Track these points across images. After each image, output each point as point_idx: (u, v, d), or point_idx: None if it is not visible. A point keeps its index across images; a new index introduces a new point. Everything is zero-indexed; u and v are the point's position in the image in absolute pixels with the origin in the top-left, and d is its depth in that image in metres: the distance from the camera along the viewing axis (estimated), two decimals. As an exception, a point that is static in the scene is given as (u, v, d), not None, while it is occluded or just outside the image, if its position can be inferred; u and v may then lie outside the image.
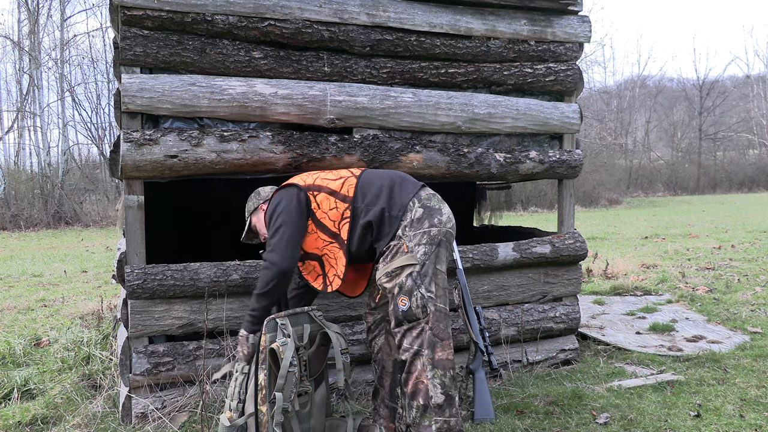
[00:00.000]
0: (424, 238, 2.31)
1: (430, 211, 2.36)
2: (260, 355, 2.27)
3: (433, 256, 2.30)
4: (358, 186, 2.45)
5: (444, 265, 2.36)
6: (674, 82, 37.14)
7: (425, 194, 2.41)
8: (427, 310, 2.26)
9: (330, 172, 2.57)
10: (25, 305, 5.70)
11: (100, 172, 19.93)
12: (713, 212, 16.16)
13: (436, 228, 2.33)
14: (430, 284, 2.28)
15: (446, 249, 2.37)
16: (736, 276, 6.35)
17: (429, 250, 2.30)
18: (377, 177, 2.48)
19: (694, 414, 2.86)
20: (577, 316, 3.70)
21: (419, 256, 2.29)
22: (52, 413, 2.99)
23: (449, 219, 2.39)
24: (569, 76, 3.58)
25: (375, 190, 2.42)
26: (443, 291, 2.32)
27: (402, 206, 2.36)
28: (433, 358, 2.25)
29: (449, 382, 2.27)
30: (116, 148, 2.97)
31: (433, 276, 2.30)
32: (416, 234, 2.31)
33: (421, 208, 2.36)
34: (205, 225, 4.99)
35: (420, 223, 2.33)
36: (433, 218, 2.34)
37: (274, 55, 3.03)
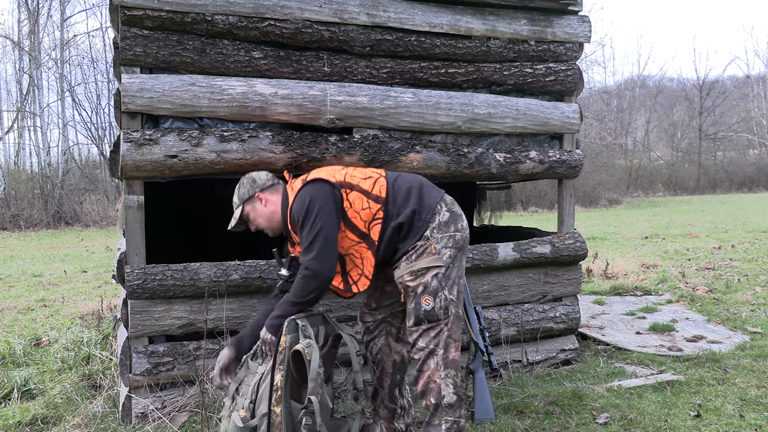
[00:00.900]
0: (450, 241, 2.35)
1: (455, 216, 2.40)
2: (279, 355, 2.24)
3: (456, 260, 2.36)
4: (389, 187, 2.44)
5: (462, 271, 2.42)
6: (674, 82, 37.17)
7: (449, 199, 2.45)
8: (448, 312, 2.30)
9: (356, 169, 2.52)
10: (25, 305, 5.70)
11: (100, 172, 19.93)
12: (713, 212, 16.17)
13: (459, 233, 2.38)
14: (453, 287, 2.33)
15: (465, 254, 2.43)
16: (736, 276, 6.36)
17: (454, 254, 2.35)
18: (404, 179, 2.49)
19: (694, 414, 2.86)
20: (577, 316, 3.70)
21: (445, 259, 2.33)
22: (52, 413, 2.99)
23: (467, 227, 2.44)
24: (569, 76, 3.58)
25: (404, 192, 2.42)
26: (461, 296, 2.38)
27: (431, 209, 2.38)
28: (447, 358, 2.30)
29: (460, 383, 2.34)
30: (116, 148, 2.97)
31: (456, 280, 2.35)
32: (443, 237, 2.35)
33: (448, 212, 2.39)
34: (205, 225, 4.99)
35: (447, 226, 2.37)
36: (458, 223, 2.39)
37: (274, 55, 3.03)
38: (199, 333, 2.97)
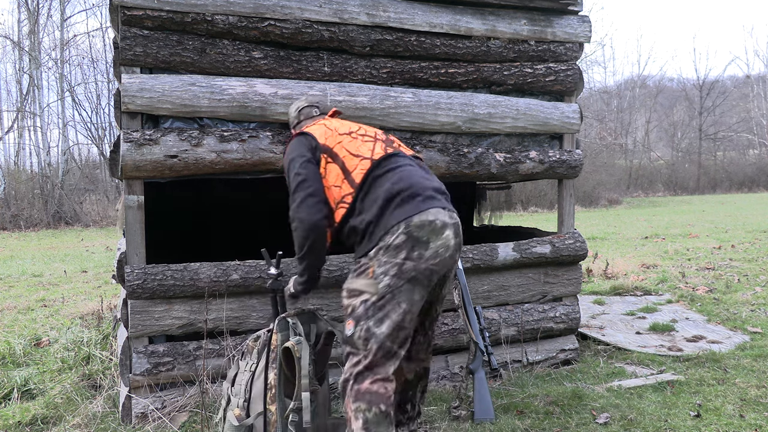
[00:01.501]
0: (394, 269, 2.05)
1: (414, 242, 2.06)
2: (271, 354, 2.25)
3: (397, 291, 2.04)
4: (367, 175, 2.22)
5: (411, 305, 2.07)
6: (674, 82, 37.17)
7: (419, 221, 2.08)
8: (368, 345, 2.05)
9: (357, 135, 2.36)
10: (25, 305, 5.70)
11: (100, 172, 19.93)
12: (713, 212, 16.17)
13: (411, 262, 2.05)
14: (383, 321, 2.05)
15: (422, 287, 2.09)
16: (736, 276, 6.35)
17: (395, 284, 2.04)
18: (387, 178, 2.21)
19: (694, 414, 2.86)
20: (577, 316, 3.70)
21: (380, 287, 2.05)
22: (52, 413, 2.99)
23: (436, 255, 2.08)
24: (569, 76, 3.58)
25: (374, 195, 2.18)
26: (399, 332, 2.07)
27: (385, 227, 2.09)
28: (358, 391, 2.04)
29: (373, 419, 2.01)
30: (116, 148, 2.97)
31: (391, 313, 2.05)
32: (388, 262, 2.06)
33: (405, 235, 2.06)
34: (205, 225, 4.99)
35: (396, 251, 2.06)
36: (414, 251, 2.05)
37: (274, 55, 3.03)
38: (199, 333, 2.97)
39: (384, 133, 2.47)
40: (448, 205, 2.23)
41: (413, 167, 2.28)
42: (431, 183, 2.25)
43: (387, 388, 2.06)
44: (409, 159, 2.34)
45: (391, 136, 2.50)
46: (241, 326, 3.05)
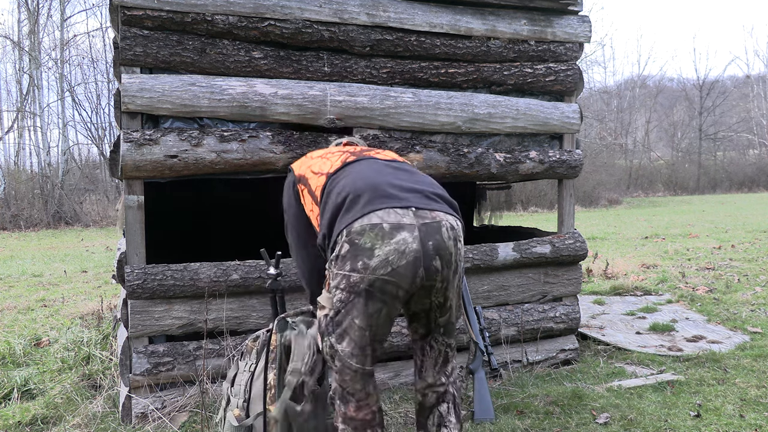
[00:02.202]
0: (343, 282, 1.83)
1: (356, 251, 1.80)
2: (270, 354, 2.25)
3: (350, 306, 1.83)
4: (323, 191, 2.05)
5: (368, 320, 1.84)
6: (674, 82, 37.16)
7: (359, 226, 1.81)
8: (335, 362, 1.91)
9: (322, 159, 2.24)
10: (25, 305, 5.70)
11: (100, 172, 19.92)
12: (713, 212, 16.16)
13: (357, 274, 1.80)
14: (342, 338, 1.87)
15: (378, 301, 1.82)
16: (736, 276, 6.35)
17: (346, 298, 1.83)
18: (337, 187, 1.99)
19: (694, 414, 2.86)
20: (577, 316, 3.70)
21: (334, 301, 1.87)
22: (52, 413, 2.99)
23: (385, 264, 1.79)
24: (569, 76, 3.58)
25: (327, 208, 1.97)
26: (362, 350, 1.87)
27: (333, 239, 1.88)
28: (345, 414, 1.92)
29: None
30: (116, 148, 2.97)
31: (348, 330, 1.85)
32: (338, 274, 1.85)
33: (348, 244, 1.82)
34: (205, 225, 4.99)
35: (343, 262, 1.83)
36: (357, 261, 1.80)
37: (274, 55, 3.03)
38: (199, 333, 2.97)
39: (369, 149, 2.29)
40: (423, 203, 1.90)
41: (370, 168, 2.02)
42: (393, 180, 1.95)
43: (371, 413, 1.94)
44: (371, 161, 2.08)
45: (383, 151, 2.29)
46: (241, 326, 3.05)
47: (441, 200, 1.97)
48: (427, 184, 2.02)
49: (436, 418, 2.08)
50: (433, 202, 1.93)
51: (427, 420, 2.09)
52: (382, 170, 2.02)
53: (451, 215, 1.93)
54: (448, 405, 2.09)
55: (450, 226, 1.89)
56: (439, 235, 1.86)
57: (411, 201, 1.89)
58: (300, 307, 3.10)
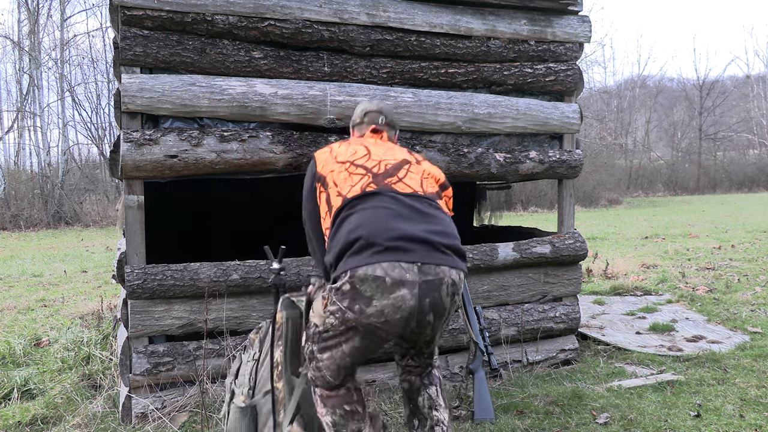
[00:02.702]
0: (338, 313, 1.94)
1: (356, 295, 1.90)
2: (276, 332, 2.24)
3: (339, 335, 1.97)
4: (336, 217, 2.09)
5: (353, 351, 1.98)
6: (674, 82, 37.14)
7: (363, 274, 1.88)
8: (311, 364, 2.06)
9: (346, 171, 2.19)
10: (25, 305, 5.70)
11: (100, 172, 19.92)
12: (713, 212, 16.17)
13: (353, 314, 1.91)
14: (324, 351, 2.02)
15: (366, 339, 1.95)
16: (736, 276, 6.36)
17: (337, 326, 1.96)
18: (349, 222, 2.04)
19: (694, 414, 2.86)
20: (577, 316, 3.70)
21: (327, 323, 1.98)
22: (52, 413, 2.99)
23: (380, 315, 1.88)
24: (569, 76, 3.58)
25: (337, 238, 2.03)
26: (338, 369, 2.01)
27: (337, 272, 1.97)
28: (321, 395, 2.07)
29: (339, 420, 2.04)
30: (116, 148, 2.97)
31: (332, 348, 2.00)
32: (335, 303, 1.95)
33: (350, 285, 1.91)
34: (205, 225, 5.00)
35: (343, 297, 1.93)
36: (355, 303, 1.90)
37: (274, 55, 3.03)
38: (199, 333, 2.97)
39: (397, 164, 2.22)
40: (430, 257, 1.95)
41: (387, 209, 2.03)
42: (406, 228, 1.97)
43: (346, 389, 2.07)
44: (390, 199, 2.08)
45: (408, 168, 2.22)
46: (241, 326, 3.05)
47: (450, 251, 2.02)
48: (440, 233, 2.03)
49: (426, 401, 2.23)
50: (441, 255, 1.98)
51: (417, 402, 2.24)
52: (398, 212, 2.03)
53: (455, 269, 2.00)
54: (436, 388, 2.26)
55: (451, 282, 1.98)
56: (438, 293, 1.95)
57: (418, 255, 1.94)
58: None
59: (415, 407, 2.23)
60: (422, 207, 2.09)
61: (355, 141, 2.38)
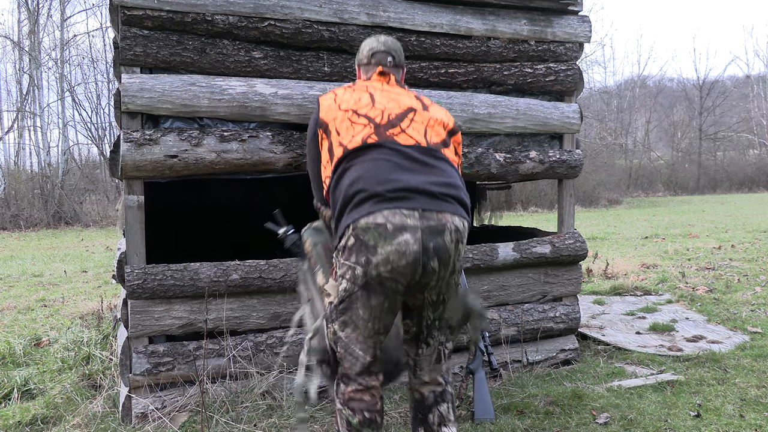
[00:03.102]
0: (348, 273, 1.96)
1: (361, 246, 1.91)
2: (310, 260, 2.25)
3: (354, 297, 1.96)
4: (337, 167, 2.07)
5: (371, 312, 1.96)
6: (674, 82, 37.15)
7: (364, 223, 1.91)
8: (338, 348, 2.03)
9: (348, 120, 2.13)
10: (25, 305, 5.70)
11: (100, 172, 19.92)
12: (713, 212, 16.17)
13: (361, 267, 1.92)
14: (347, 325, 1.99)
15: (379, 294, 1.94)
16: (736, 276, 6.36)
17: (350, 288, 1.96)
18: (349, 174, 2.03)
19: (694, 414, 2.86)
20: (577, 316, 3.70)
21: (340, 290, 1.99)
22: (52, 413, 2.99)
23: (386, 262, 1.89)
24: (569, 76, 3.58)
25: (338, 192, 2.05)
26: (365, 339, 1.99)
27: (341, 230, 1.99)
28: (344, 394, 2.04)
29: (357, 425, 2.00)
30: (116, 148, 2.97)
31: (353, 317, 1.98)
32: (344, 264, 1.97)
33: (353, 238, 1.93)
34: (206, 225, 5.00)
35: (349, 254, 1.95)
36: (361, 256, 1.91)
37: (274, 55, 3.03)
38: (199, 333, 2.97)
39: (401, 113, 2.15)
40: (432, 204, 1.95)
41: (388, 161, 2.02)
42: (407, 179, 1.97)
43: (371, 395, 2.04)
44: (392, 151, 2.05)
45: (413, 116, 2.15)
46: (241, 326, 3.05)
47: (452, 200, 2.01)
48: (442, 184, 2.02)
49: (436, 417, 2.15)
50: (443, 203, 1.98)
51: (426, 417, 2.16)
52: (399, 164, 2.02)
53: (458, 215, 1.99)
54: (448, 405, 2.17)
55: (454, 228, 1.97)
56: (441, 238, 1.94)
57: (419, 202, 1.94)
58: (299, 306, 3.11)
59: (425, 421, 2.17)
60: (424, 158, 2.06)
61: (360, 86, 2.27)
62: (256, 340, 3.06)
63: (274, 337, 3.09)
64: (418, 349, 2.15)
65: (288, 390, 3.01)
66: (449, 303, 2.11)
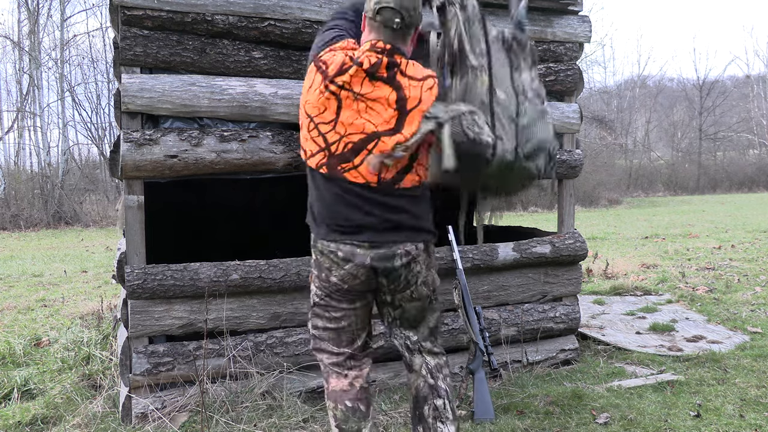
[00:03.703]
0: (317, 281, 2.18)
1: (320, 265, 2.15)
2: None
3: (326, 300, 2.16)
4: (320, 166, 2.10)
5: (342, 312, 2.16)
6: (674, 82, 37.13)
7: (321, 246, 2.12)
8: (316, 341, 2.23)
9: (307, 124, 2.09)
10: (25, 305, 5.70)
11: (100, 172, 19.91)
12: (713, 212, 16.16)
13: (324, 282, 2.16)
14: (316, 327, 2.22)
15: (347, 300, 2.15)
16: (736, 276, 6.36)
17: (320, 294, 2.18)
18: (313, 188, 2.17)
19: (694, 414, 2.86)
20: (577, 316, 3.70)
21: (312, 295, 2.22)
22: (52, 413, 2.99)
23: (342, 281, 2.10)
24: (569, 76, 3.58)
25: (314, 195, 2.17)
26: (338, 335, 2.18)
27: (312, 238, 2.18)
28: (327, 389, 2.21)
29: (341, 416, 2.13)
30: (116, 148, 2.97)
31: (323, 319, 2.19)
32: (313, 272, 2.20)
33: (317, 254, 2.16)
34: (206, 225, 5.00)
35: (315, 266, 2.19)
36: (322, 272, 2.15)
37: (274, 55, 3.03)
38: (199, 333, 2.97)
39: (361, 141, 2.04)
40: (379, 237, 2.06)
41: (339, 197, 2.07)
42: (354, 219, 2.06)
43: (350, 384, 2.17)
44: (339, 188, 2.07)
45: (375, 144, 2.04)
46: (241, 326, 3.05)
47: (402, 228, 2.11)
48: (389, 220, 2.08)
49: (431, 411, 2.21)
50: (392, 233, 2.09)
51: (422, 411, 2.22)
52: (350, 202, 2.08)
53: (409, 241, 2.11)
54: (444, 401, 2.22)
55: (404, 252, 2.10)
56: (390, 262, 2.09)
57: (368, 236, 2.07)
58: (298, 306, 3.11)
59: (421, 416, 2.23)
60: (374, 196, 2.07)
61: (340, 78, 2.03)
62: (256, 340, 3.06)
63: (274, 337, 3.09)
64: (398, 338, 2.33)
65: (288, 390, 3.01)
66: (407, 307, 2.22)
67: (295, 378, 3.08)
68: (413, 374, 2.28)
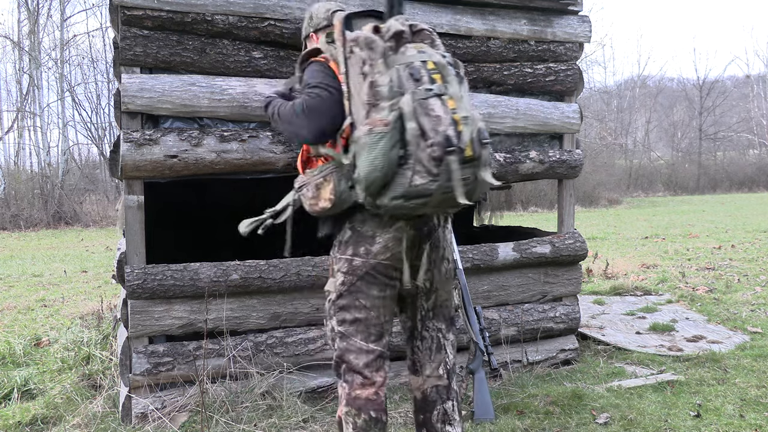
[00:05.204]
0: (345, 265, 2.03)
1: (359, 237, 2.01)
2: None
3: (353, 288, 2.03)
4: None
5: (372, 302, 2.03)
6: (674, 82, 37.14)
7: (361, 215, 2.01)
8: (335, 345, 2.08)
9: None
10: (25, 305, 5.70)
11: (100, 172, 19.91)
12: (713, 212, 16.16)
13: (360, 258, 2.01)
14: (343, 321, 2.05)
15: (379, 284, 2.03)
16: (736, 276, 6.36)
17: (348, 280, 2.03)
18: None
19: (694, 414, 2.86)
20: (577, 316, 3.70)
21: (337, 285, 2.05)
22: (52, 413, 2.99)
23: (385, 250, 2.00)
24: (569, 76, 3.58)
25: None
26: (367, 327, 2.03)
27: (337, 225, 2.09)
28: (349, 395, 2.03)
29: (362, 425, 2.01)
30: (116, 148, 2.97)
31: (352, 310, 2.04)
32: (341, 258, 2.05)
33: (350, 230, 2.04)
34: (206, 225, 4.99)
35: (346, 247, 2.04)
36: (359, 246, 2.01)
37: (274, 55, 3.03)
38: (199, 333, 2.97)
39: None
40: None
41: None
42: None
43: (376, 393, 2.03)
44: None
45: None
46: (241, 326, 3.05)
47: None
48: None
49: (440, 415, 2.17)
50: None
51: (431, 416, 2.16)
52: None
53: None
54: (453, 403, 2.20)
55: (444, 218, 2.12)
56: (432, 222, 2.06)
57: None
58: (298, 306, 3.11)
59: (427, 420, 2.17)
60: None
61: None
62: (256, 340, 3.06)
63: (274, 337, 3.09)
64: (415, 344, 2.21)
65: (288, 390, 3.01)
66: (441, 291, 2.18)
67: (295, 378, 3.08)
68: (420, 377, 2.20)
